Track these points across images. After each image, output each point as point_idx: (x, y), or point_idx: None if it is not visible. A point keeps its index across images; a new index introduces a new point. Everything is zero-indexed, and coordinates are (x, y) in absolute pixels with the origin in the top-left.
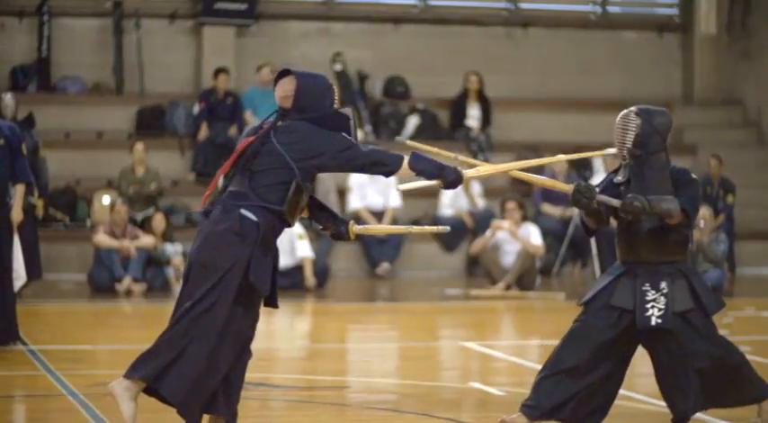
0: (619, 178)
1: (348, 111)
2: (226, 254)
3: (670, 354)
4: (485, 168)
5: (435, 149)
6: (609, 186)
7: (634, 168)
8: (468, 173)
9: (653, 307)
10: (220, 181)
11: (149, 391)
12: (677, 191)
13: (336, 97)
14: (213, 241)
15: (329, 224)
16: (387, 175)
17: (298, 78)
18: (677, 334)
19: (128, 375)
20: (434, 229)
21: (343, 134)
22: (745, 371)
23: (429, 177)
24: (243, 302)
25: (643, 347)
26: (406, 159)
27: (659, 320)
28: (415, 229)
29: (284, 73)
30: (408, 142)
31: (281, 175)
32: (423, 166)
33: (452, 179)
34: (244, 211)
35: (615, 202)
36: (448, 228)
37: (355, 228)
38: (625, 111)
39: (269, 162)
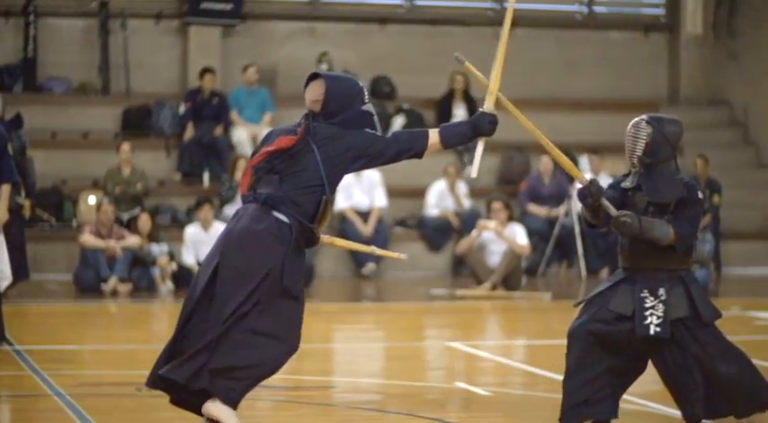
0: (627, 184)
1: (370, 106)
2: (264, 257)
3: (672, 360)
4: (492, 84)
5: None
6: (618, 191)
7: (644, 176)
8: (488, 107)
9: (651, 314)
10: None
11: (181, 402)
12: (679, 207)
13: (366, 101)
14: (251, 243)
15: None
16: (417, 157)
17: (327, 82)
18: (678, 341)
19: (192, 386)
20: (394, 255)
21: (367, 130)
22: (746, 381)
23: (468, 141)
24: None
25: (648, 353)
26: (435, 136)
27: (658, 329)
28: (378, 251)
29: (313, 76)
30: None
31: (312, 179)
32: (455, 140)
33: (489, 127)
34: (277, 214)
35: (612, 212)
36: (405, 256)
37: (323, 237)
38: (636, 119)
39: (302, 165)
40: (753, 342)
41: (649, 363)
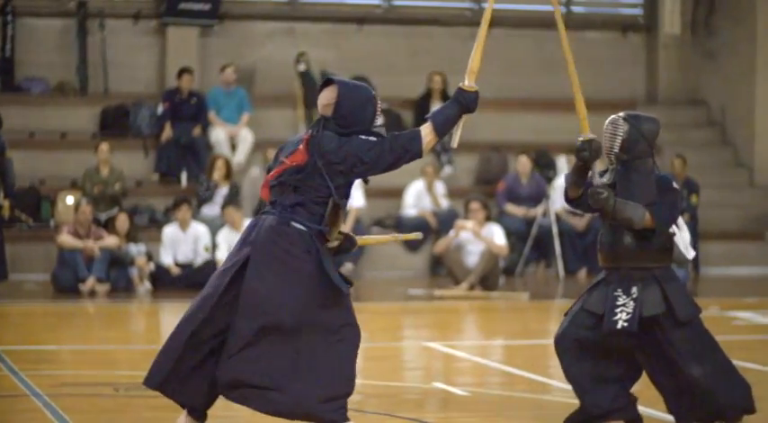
0: (604, 180)
1: (382, 129)
2: (299, 261)
3: (651, 358)
4: (474, 62)
5: None
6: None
7: (620, 172)
8: (470, 84)
9: (621, 311)
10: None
11: None
12: (656, 197)
13: (378, 109)
14: (281, 241)
15: (337, 239)
16: (417, 157)
17: (340, 88)
18: (654, 342)
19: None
20: (412, 236)
21: (362, 137)
22: (719, 386)
23: (456, 121)
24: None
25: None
26: (428, 132)
27: (625, 324)
28: (400, 237)
29: (327, 82)
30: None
31: (321, 188)
32: (448, 127)
33: (474, 104)
34: (295, 224)
35: (596, 180)
36: (420, 235)
37: (359, 239)
38: (613, 116)
39: (311, 177)
40: (731, 342)
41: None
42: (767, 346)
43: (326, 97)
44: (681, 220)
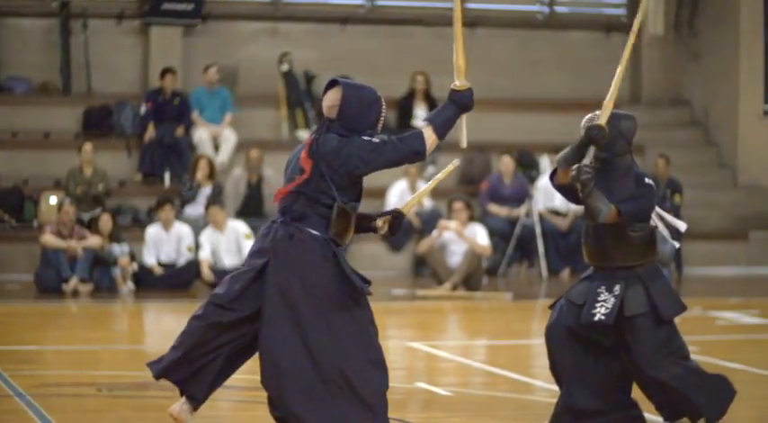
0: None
1: (383, 137)
2: (316, 266)
3: (629, 358)
4: (459, 59)
5: None
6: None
7: (599, 171)
8: (461, 82)
9: (601, 306)
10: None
11: None
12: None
13: (383, 111)
14: (303, 268)
15: (384, 221)
16: (420, 159)
17: (344, 89)
18: (631, 339)
19: None
20: (450, 168)
21: (365, 137)
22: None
23: (454, 121)
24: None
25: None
26: (430, 134)
27: (602, 317)
28: (440, 175)
29: (332, 84)
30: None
31: (326, 191)
32: (448, 128)
33: (470, 101)
34: (309, 230)
35: (586, 160)
36: (457, 162)
37: (406, 208)
38: (591, 114)
39: (316, 181)
40: (714, 342)
41: None
42: (750, 347)
43: (331, 99)
44: (661, 212)
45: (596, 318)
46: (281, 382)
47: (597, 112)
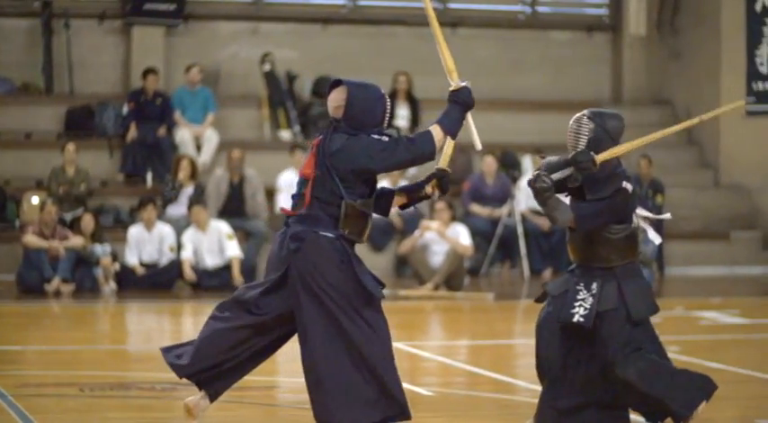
0: (576, 184)
1: (392, 131)
2: (332, 268)
3: (600, 353)
4: (448, 62)
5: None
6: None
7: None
8: (457, 83)
9: (580, 305)
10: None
11: None
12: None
13: (388, 107)
14: (314, 251)
15: (432, 186)
16: (431, 159)
17: (349, 89)
18: (600, 334)
19: None
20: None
21: (374, 136)
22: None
23: (461, 120)
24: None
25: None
26: (438, 132)
27: (581, 319)
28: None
29: (336, 83)
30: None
31: (335, 191)
32: (457, 127)
33: (471, 99)
34: (323, 233)
35: (567, 172)
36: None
37: (442, 167)
38: (578, 114)
39: (324, 182)
40: (696, 342)
41: None
42: (732, 346)
43: (336, 99)
44: (644, 212)
45: (575, 319)
46: (321, 387)
47: (585, 112)
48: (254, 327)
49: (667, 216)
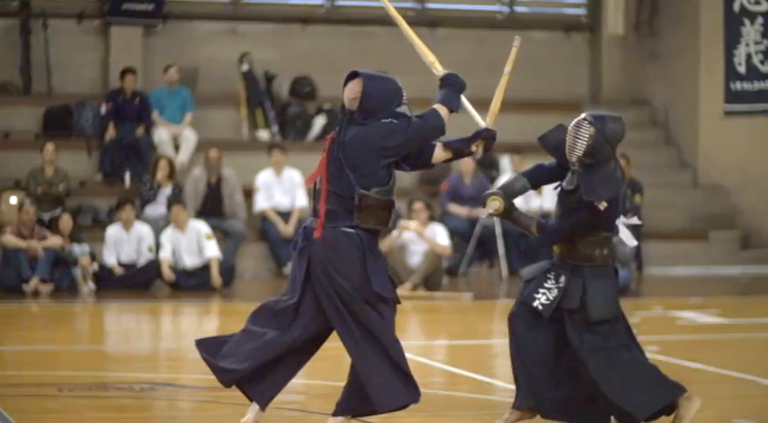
0: (570, 187)
1: (406, 108)
2: (348, 265)
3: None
4: (426, 56)
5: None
6: (560, 193)
7: (582, 176)
8: (437, 72)
9: (544, 294)
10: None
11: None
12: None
13: (404, 98)
14: (334, 248)
15: (477, 145)
16: (442, 135)
17: (365, 81)
18: (570, 333)
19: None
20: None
21: (385, 120)
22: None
23: (458, 98)
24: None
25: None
26: (441, 107)
27: (540, 307)
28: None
29: (352, 75)
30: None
31: (349, 182)
32: (456, 103)
33: (457, 82)
34: (343, 228)
35: (532, 224)
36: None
37: (490, 120)
38: (579, 118)
39: (339, 174)
40: (674, 342)
41: None
42: (710, 346)
43: (352, 91)
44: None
45: (535, 303)
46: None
47: (586, 117)
48: (297, 337)
49: (636, 221)
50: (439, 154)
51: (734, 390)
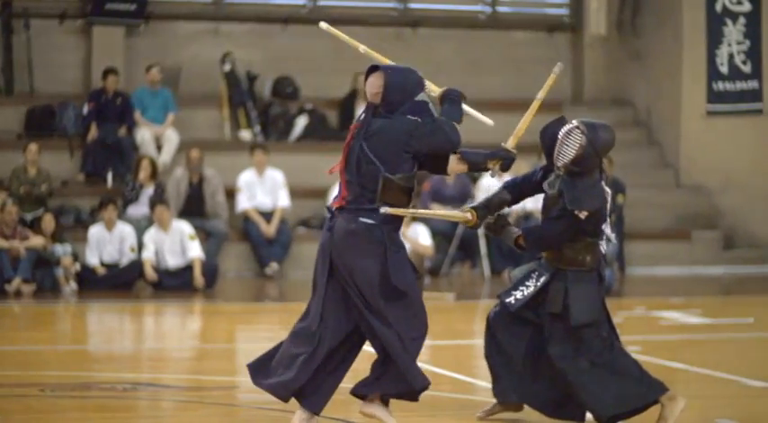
0: (553, 191)
1: (424, 95)
2: (366, 258)
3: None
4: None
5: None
6: (544, 197)
7: (566, 182)
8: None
9: (520, 290)
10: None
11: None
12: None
13: (427, 90)
14: (353, 242)
15: (494, 163)
16: (454, 149)
17: (386, 74)
18: (549, 338)
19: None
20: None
21: (409, 117)
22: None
23: (459, 108)
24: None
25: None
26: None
27: (512, 301)
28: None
29: (373, 69)
30: None
31: (374, 174)
32: (459, 115)
33: (456, 92)
34: (363, 220)
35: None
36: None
37: (511, 144)
38: (570, 126)
39: (362, 167)
40: (657, 342)
41: None
42: (693, 346)
43: (374, 85)
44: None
45: (507, 299)
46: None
47: (577, 124)
48: (342, 342)
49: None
50: (455, 165)
51: (716, 389)
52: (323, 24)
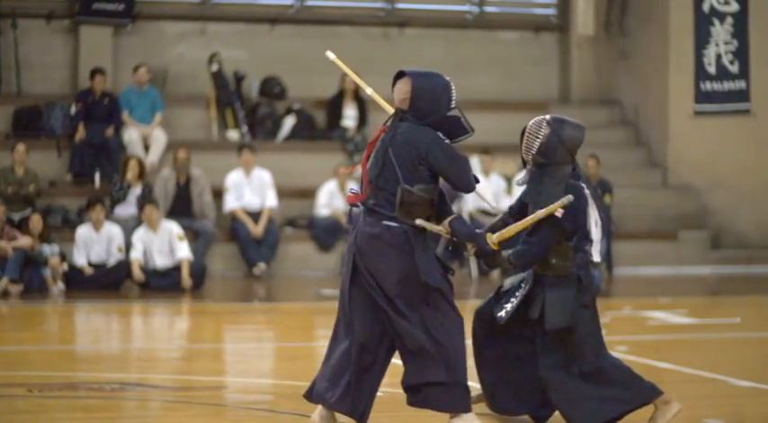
0: (519, 180)
1: (456, 111)
2: (392, 261)
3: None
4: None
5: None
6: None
7: (534, 175)
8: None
9: (509, 302)
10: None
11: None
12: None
13: (453, 95)
14: (376, 246)
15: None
16: (466, 192)
17: (413, 79)
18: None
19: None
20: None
21: (447, 141)
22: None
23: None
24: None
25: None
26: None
27: (502, 314)
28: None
29: (400, 75)
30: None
31: (395, 178)
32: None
33: (487, 256)
34: (386, 222)
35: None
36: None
37: (493, 238)
38: (539, 117)
39: (385, 169)
40: (644, 342)
41: None
42: (680, 346)
43: (402, 91)
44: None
45: (497, 313)
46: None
47: (546, 117)
48: (375, 347)
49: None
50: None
51: (704, 390)
52: (329, 54)
